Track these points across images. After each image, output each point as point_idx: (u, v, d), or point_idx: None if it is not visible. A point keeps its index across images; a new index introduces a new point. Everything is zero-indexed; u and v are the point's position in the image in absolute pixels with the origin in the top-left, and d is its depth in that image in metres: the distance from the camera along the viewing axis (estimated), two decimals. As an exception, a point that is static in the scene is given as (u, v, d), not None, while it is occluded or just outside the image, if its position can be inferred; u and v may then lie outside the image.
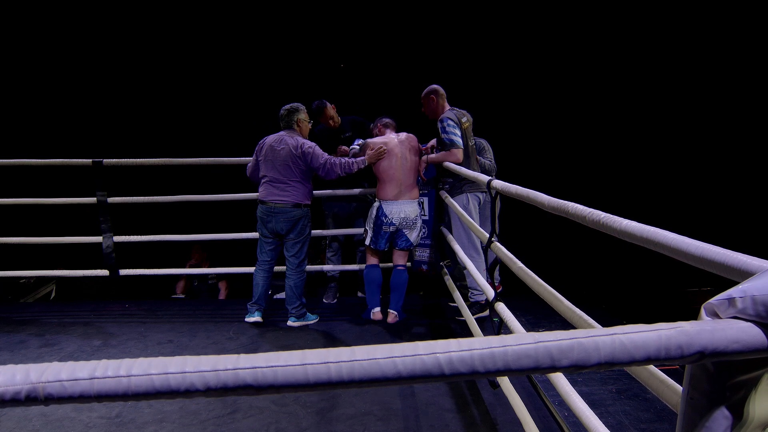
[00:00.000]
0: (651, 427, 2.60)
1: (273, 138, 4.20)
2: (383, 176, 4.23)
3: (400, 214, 4.19)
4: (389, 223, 4.19)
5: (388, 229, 4.21)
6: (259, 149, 4.21)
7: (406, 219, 4.22)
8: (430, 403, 2.95)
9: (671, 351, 0.75)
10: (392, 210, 4.19)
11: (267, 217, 4.17)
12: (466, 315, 3.79)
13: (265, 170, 4.17)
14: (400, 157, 4.22)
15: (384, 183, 4.23)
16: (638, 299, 5.05)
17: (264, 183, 4.18)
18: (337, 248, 5.10)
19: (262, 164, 4.18)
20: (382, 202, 4.22)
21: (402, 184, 4.22)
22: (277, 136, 4.20)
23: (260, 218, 4.22)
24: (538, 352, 0.70)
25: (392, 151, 4.21)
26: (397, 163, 4.20)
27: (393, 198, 4.20)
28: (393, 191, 4.20)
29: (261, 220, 4.22)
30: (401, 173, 4.21)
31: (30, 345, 3.94)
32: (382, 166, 4.22)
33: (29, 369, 0.66)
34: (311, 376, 0.67)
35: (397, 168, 4.21)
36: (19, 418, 2.82)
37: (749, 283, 0.80)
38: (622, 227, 1.40)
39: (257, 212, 4.22)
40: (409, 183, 4.26)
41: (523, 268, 2.37)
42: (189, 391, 0.66)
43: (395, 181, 4.20)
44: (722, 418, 0.82)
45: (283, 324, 4.38)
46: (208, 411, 2.87)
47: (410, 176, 4.26)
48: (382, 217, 4.19)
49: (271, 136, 4.22)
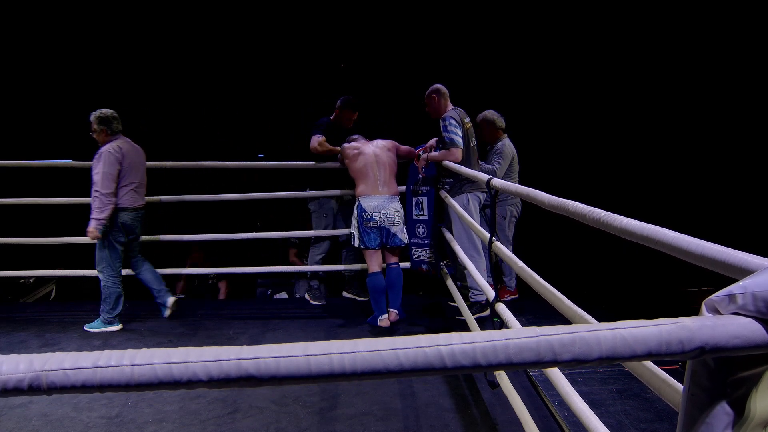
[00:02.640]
0: (651, 426, 2.59)
1: (128, 144, 4.20)
2: (358, 175, 4.35)
3: (380, 209, 4.23)
4: (369, 218, 4.22)
5: (369, 224, 4.23)
6: (121, 157, 4.10)
7: (386, 215, 4.24)
8: (430, 403, 2.95)
9: (672, 346, 0.75)
10: (370, 204, 4.24)
11: (135, 222, 4.23)
12: (466, 315, 3.79)
13: (133, 176, 4.17)
14: (372, 155, 4.37)
15: (359, 181, 4.34)
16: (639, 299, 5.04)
17: (129, 190, 4.15)
18: (327, 248, 5.04)
19: (129, 171, 4.13)
20: (360, 198, 4.30)
21: (377, 180, 4.31)
22: (127, 142, 4.21)
23: (128, 225, 4.19)
24: (539, 346, 0.70)
25: (364, 152, 4.39)
26: (370, 160, 4.34)
27: (370, 193, 4.28)
28: (368, 187, 4.30)
29: (128, 228, 4.20)
30: (375, 169, 4.33)
31: (30, 345, 3.94)
32: (356, 167, 4.35)
33: (33, 358, 0.66)
34: (314, 367, 0.67)
35: (371, 165, 4.33)
36: (19, 417, 2.82)
37: (750, 280, 0.81)
38: (622, 225, 1.40)
39: (124, 220, 4.15)
40: (385, 178, 4.34)
41: (524, 268, 2.37)
42: (192, 381, 0.66)
43: (370, 177, 4.31)
44: (723, 415, 0.82)
45: (283, 324, 4.38)
46: (208, 411, 2.87)
47: (384, 172, 4.35)
48: (362, 213, 4.24)
49: (122, 142, 4.16)
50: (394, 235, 4.29)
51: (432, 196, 4.62)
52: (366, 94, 7.10)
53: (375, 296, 4.27)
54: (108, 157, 4.00)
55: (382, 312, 4.27)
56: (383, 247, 4.34)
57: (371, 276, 4.30)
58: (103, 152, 4.02)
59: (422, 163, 4.49)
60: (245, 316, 4.68)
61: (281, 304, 5.58)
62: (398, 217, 4.31)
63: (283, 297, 6.39)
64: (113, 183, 4.00)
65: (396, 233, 4.30)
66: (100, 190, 3.96)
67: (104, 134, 4.09)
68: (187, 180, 6.11)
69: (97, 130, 4.09)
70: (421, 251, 4.72)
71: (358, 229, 4.28)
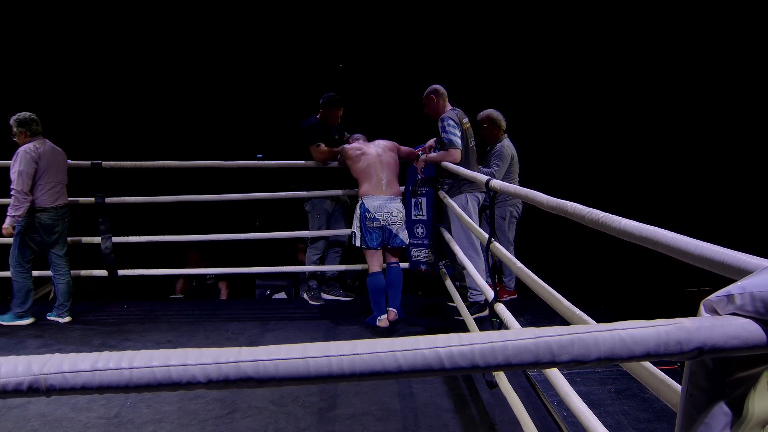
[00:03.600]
0: (650, 426, 2.60)
1: (46, 146, 4.28)
2: (361, 176, 4.34)
3: (383, 209, 4.23)
4: (372, 218, 4.21)
5: (372, 224, 4.23)
6: (38, 157, 4.19)
7: (389, 215, 4.23)
8: (428, 403, 2.95)
9: (670, 347, 0.75)
10: (374, 204, 4.23)
11: (55, 221, 4.30)
12: (465, 315, 3.79)
13: (52, 176, 4.26)
14: (375, 155, 4.37)
15: (363, 181, 4.33)
16: (637, 299, 5.05)
17: (48, 189, 4.23)
18: (323, 248, 5.05)
19: (46, 170, 4.22)
20: (363, 198, 4.29)
21: (381, 180, 4.30)
22: (45, 143, 4.29)
23: (46, 225, 4.27)
24: (538, 347, 0.71)
25: (367, 152, 4.38)
26: (373, 160, 4.33)
27: (374, 193, 4.28)
28: (372, 187, 4.28)
29: (46, 227, 4.28)
30: (378, 169, 4.32)
31: (28, 345, 3.93)
32: (360, 167, 4.35)
33: (31, 360, 0.66)
34: (312, 369, 0.68)
35: (374, 165, 4.32)
36: (17, 418, 2.82)
37: (748, 280, 0.81)
38: (621, 226, 1.40)
39: (41, 219, 4.24)
40: (388, 179, 4.33)
41: (523, 268, 2.37)
42: (191, 384, 0.67)
43: (374, 177, 4.30)
44: (722, 415, 0.82)
45: (282, 325, 4.38)
46: (206, 411, 2.87)
47: (388, 172, 4.35)
48: (365, 213, 4.23)
49: (39, 143, 4.24)
50: (396, 235, 4.30)
51: (431, 197, 4.62)
52: (365, 94, 7.11)
53: (375, 296, 4.27)
54: (24, 156, 4.12)
55: (381, 312, 4.27)
56: (384, 247, 4.34)
57: (372, 276, 4.30)
58: (19, 152, 4.16)
59: (421, 163, 4.50)
60: (244, 316, 4.69)
61: (280, 305, 5.58)
62: (400, 218, 4.31)
63: (281, 297, 6.40)
64: (29, 181, 4.11)
65: (398, 233, 4.30)
66: (15, 188, 4.09)
67: (24, 136, 4.23)
68: (186, 179, 6.10)
69: (17, 132, 4.23)
70: (420, 251, 4.72)
71: (361, 229, 4.27)
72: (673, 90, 6.66)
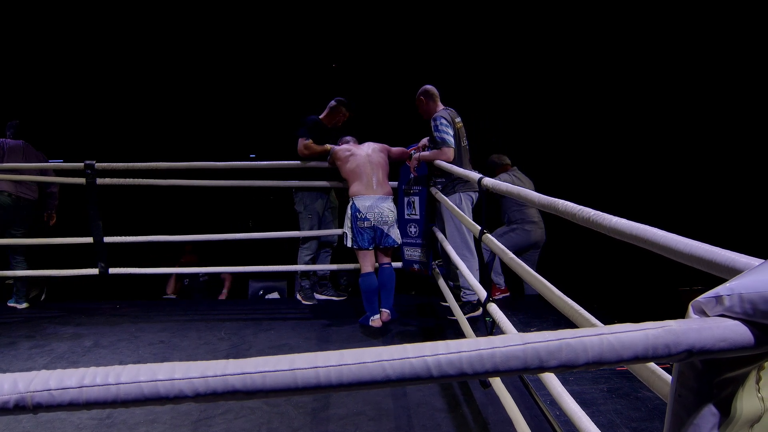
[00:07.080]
0: (642, 425, 2.61)
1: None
2: (351, 176, 4.36)
3: (374, 208, 4.23)
4: (363, 218, 4.22)
5: (363, 224, 4.23)
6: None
7: (381, 215, 4.23)
8: (421, 403, 2.95)
9: (659, 350, 0.76)
10: (364, 204, 4.24)
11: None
12: (458, 314, 3.79)
13: None
14: (364, 155, 4.40)
15: (353, 181, 4.34)
16: (630, 298, 5.07)
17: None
18: (315, 248, 5.05)
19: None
20: (354, 198, 4.29)
21: (371, 179, 4.32)
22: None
23: None
24: (526, 354, 0.71)
25: (356, 153, 4.42)
26: (363, 161, 4.36)
27: (364, 192, 4.28)
28: (363, 187, 4.30)
29: None
30: (368, 169, 4.34)
31: (20, 347, 3.91)
32: (349, 168, 4.37)
33: (17, 378, 0.66)
34: (300, 381, 0.67)
35: (364, 165, 4.34)
36: (9, 419, 2.80)
37: (737, 281, 0.81)
38: (612, 225, 1.40)
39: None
40: (379, 179, 4.35)
41: (514, 259, 2.38)
42: (178, 398, 0.66)
43: (364, 177, 4.31)
44: (710, 415, 0.83)
45: (275, 325, 4.37)
46: (199, 411, 2.86)
47: (378, 172, 4.36)
48: (356, 213, 4.23)
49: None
50: (387, 235, 4.30)
51: (424, 196, 4.62)
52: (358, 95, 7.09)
53: (367, 296, 4.27)
54: None
55: (374, 312, 4.27)
56: (376, 247, 4.34)
57: (364, 276, 4.29)
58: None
59: (414, 162, 4.50)
60: (237, 317, 4.67)
61: (273, 305, 5.57)
62: (392, 217, 4.32)
63: (275, 297, 6.39)
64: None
65: (389, 233, 4.30)
66: None
67: None
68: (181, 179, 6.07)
69: None
70: (413, 251, 4.72)
71: (352, 229, 4.27)
72: (667, 89, 6.68)
